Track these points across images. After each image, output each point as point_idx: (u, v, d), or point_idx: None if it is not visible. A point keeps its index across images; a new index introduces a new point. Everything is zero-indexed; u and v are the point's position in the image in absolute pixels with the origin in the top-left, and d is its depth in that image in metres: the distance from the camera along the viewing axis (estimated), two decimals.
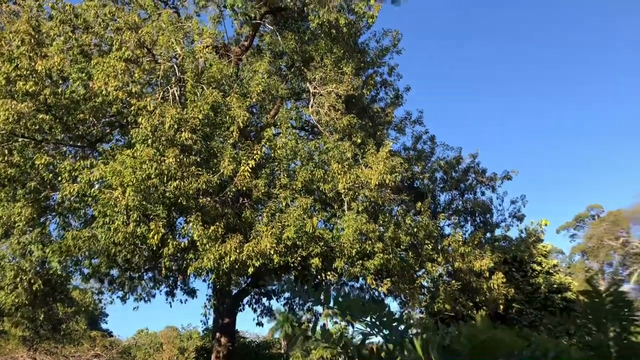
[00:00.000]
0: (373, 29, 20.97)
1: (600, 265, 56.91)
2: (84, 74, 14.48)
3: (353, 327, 3.88)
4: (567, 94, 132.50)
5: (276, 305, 22.11)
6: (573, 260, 60.81)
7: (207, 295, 21.31)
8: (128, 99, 13.82)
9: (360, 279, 18.20)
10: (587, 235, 57.62)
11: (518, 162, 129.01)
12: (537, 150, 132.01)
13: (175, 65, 15.51)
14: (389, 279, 17.22)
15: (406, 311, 20.02)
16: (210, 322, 21.54)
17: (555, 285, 26.77)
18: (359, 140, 17.60)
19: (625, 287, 54.58)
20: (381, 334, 3.68)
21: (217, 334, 19.57)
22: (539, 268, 27.08)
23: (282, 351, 37.93)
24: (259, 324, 21.45)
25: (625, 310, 3.47)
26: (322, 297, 3.84)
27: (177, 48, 15.54)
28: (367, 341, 3.76)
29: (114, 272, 17.51)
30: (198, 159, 14.09)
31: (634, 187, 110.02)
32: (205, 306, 20.57)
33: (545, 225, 26.36)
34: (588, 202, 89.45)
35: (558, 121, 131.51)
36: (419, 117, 23.72)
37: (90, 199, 13.45)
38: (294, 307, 21.09)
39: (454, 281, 18.86)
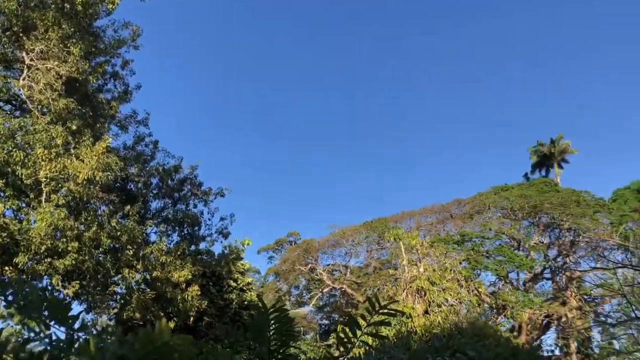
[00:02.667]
0: (114, 16, 19.82)
1: (289, 288, 62.62)
2: None
3: (28, 330, 3.49)
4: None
5: None
6: (267, 280, 65.66)
7: None
8: None
9: (45, 278, 16.52)
10: (283, 258, 62.92)
11: (239, 182, 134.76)
12: (256, 172, 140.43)
13: None
14: (78, 282, 16.02)
15: (93, 317, 18.87)
16: None
17: (245, 302, 28.43)
18: (74, 128, 16.21)
19: (305, 309, 60.88)
20: (50, 336, 3.39)
21: None
22: (234, 284, 28.45)
23: None
24: None
25: (287, 326, 3.89)
26: None
27: None
28: (34, 344, 3.40)
29: None
30: None
31: (329, 221, 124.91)
32: None
33: (248, 244, 28.02)
34: (290, 228, 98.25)
35: (277, 156, 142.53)
36: (145, 118, 23.08)
37: None
38: None
39: (149, 290, 18.55)
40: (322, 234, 62.56)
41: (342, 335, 4.40)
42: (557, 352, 43.15)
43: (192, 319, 21.01)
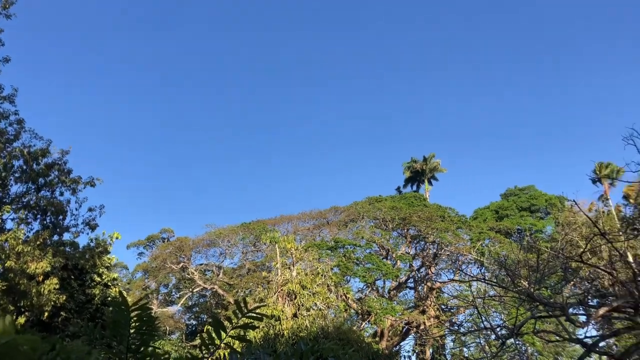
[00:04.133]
0: None
1: (158, 286, 60.43)
2: None
3: None
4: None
5: None
6: (135, 277, 62.88)
7: None
8: None
9: None
10: (154, 255, 60.64)
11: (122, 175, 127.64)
12: (133, 165, 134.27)
13: None
14: None
15: None
16: None
17: (109, 299, 27.01)
18: None
19: (173, 308, 59.17)
20: None
21: None
22: (98, 279, 26.95)
23: None
24: None
25: (149, 325, 3.79)
26: None
27: None
28: None
29: None
30: None
31: (206, 220, 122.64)
32: None
33: (117, 238, 26.67)
34: (164, 225, 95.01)
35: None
36: (11, 94, 21.23)
37: None
38: None
39: None
40: (198, 233, 61.24)
41: (206, 336, 4.36)
42: (413, 358, 45.82)
43: (46, 314, 19.52)
